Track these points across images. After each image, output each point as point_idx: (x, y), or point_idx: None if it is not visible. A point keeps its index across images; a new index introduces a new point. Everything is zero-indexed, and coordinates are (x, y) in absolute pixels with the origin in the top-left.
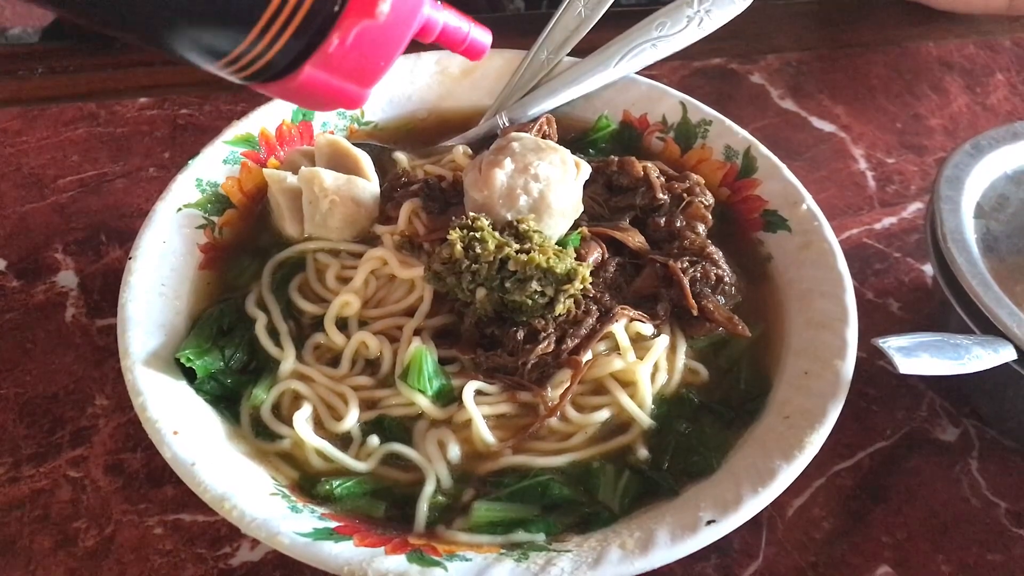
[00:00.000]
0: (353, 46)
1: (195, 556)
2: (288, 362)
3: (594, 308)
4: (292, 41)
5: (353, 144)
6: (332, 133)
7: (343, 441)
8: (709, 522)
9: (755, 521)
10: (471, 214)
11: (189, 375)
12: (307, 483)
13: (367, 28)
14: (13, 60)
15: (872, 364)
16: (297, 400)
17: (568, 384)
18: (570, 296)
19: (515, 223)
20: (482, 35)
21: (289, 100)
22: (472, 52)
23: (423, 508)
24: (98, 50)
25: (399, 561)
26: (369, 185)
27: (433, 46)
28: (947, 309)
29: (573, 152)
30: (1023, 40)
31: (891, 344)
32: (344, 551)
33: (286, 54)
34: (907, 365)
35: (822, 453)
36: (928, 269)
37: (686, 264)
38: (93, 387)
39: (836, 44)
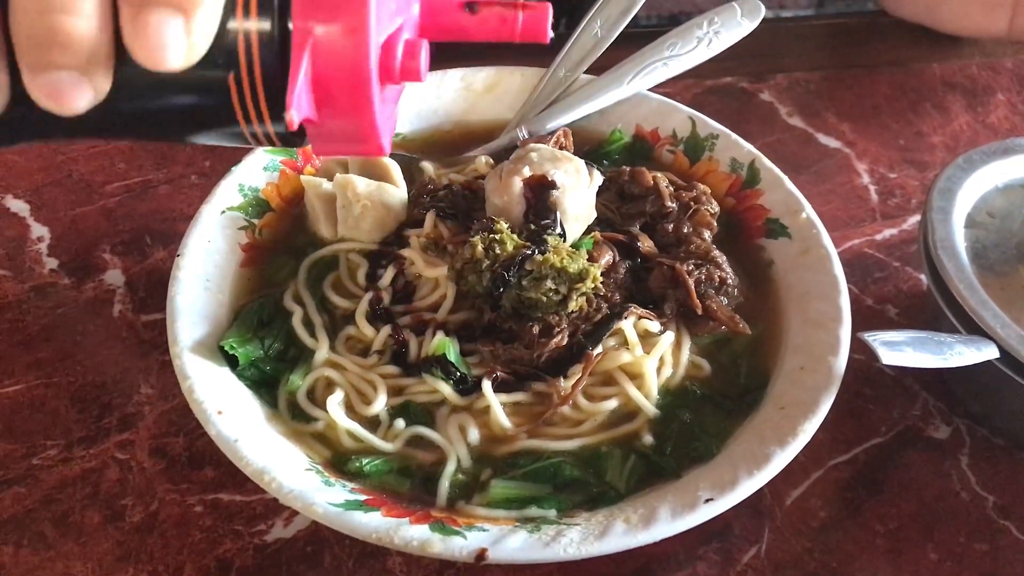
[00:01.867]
0: (315, 84)
1: (232, 532)
2: (322, 352)
3: (604, 306)
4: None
5: None
6: None
7: (372, 424)
8: (707, 500)
9: (755, 509)
10: (492, 217)
11: (231, 362)
12: (338, 461)
13: (314, 62)
14: None
15: (870, 366)
16: (330, 386)
17: (580, 375)
18: (582, 294)
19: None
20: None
21: (329, 150)
22: (529, 34)
23: (444, 485)
24: None
25: (422, 530)
26: (398, 191)
27: (456, 62)
28: (938, 313)
29: (588, 163)
30: None
31: (877, 338)
32: (372, 520)
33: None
34: (890, 357)
35: (820, 448)
36: (924, 278)
37: (692, 267)
38: (139, 377)
39: (843, 64)
